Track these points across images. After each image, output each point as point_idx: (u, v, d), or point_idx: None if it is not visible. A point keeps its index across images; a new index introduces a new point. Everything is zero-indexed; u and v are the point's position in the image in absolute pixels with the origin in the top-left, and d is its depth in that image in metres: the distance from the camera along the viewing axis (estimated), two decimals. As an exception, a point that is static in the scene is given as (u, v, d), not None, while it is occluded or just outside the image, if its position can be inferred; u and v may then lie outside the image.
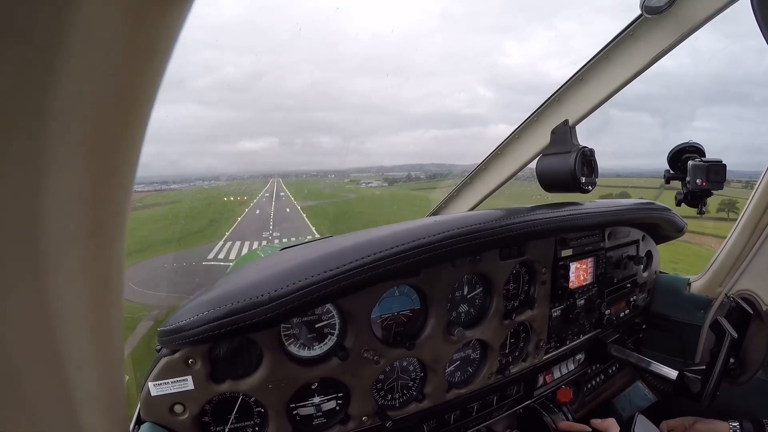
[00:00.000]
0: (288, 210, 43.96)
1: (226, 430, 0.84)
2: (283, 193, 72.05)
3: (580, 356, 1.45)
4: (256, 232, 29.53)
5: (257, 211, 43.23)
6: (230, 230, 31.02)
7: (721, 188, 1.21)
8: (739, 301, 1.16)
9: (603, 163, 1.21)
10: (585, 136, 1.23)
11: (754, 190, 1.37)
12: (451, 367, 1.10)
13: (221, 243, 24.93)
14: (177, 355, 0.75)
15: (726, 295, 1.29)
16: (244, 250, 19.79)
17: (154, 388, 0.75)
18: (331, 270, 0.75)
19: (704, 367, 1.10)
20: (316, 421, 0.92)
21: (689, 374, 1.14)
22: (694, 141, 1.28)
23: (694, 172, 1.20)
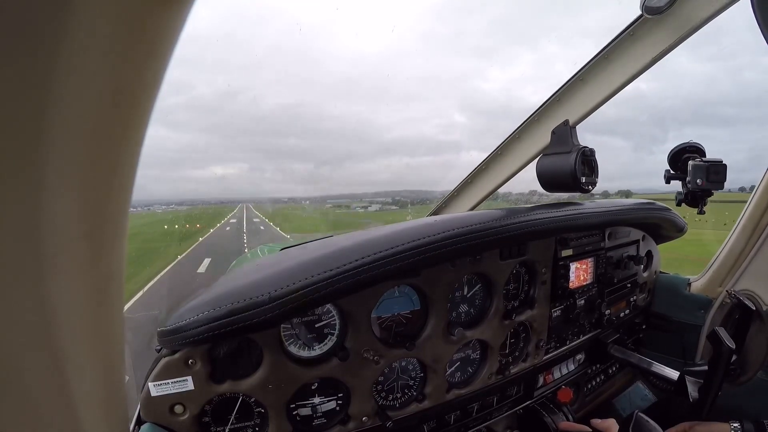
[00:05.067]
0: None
1: (227, 430, 0.84)
2: (257, 219, 45.24)
3: (580, 356, 1.45)
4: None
5: (203, 264, 13.43)
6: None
7: (722, 188, 1.21)
8: (741, 297, 1.16)
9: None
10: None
11: (755, 190, 1.37)
12: (452, 368, 1.10)
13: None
14: (177, 355, 0.75)
15: (727, 291, 1.28)
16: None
17: (154, 389, 0.75)
18: (331, 270, 0.75)
19: (706, 368, 1.10)
20: (316, 422, 0.92)
21: (690, 377, 1.13)
22: (694, 141, 1.28)
23: (694, 172, 1.20)
